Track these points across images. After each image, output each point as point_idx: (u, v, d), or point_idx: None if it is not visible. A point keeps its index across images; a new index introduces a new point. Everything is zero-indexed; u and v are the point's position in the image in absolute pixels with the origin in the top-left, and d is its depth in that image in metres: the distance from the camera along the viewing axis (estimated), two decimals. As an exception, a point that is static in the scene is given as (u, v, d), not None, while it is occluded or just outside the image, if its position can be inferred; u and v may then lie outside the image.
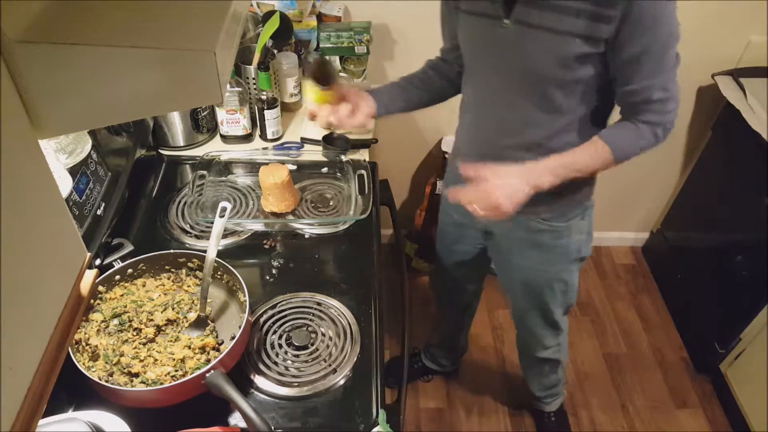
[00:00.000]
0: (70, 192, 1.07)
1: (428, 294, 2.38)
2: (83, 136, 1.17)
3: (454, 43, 1.27)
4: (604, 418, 2.07)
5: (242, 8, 0.63)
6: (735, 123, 1.88)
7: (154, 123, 1.56)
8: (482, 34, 1.14)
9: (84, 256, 0.57)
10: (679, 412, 2.10)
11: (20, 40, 0.43)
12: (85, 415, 0.92)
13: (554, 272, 1.42)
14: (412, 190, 2.44)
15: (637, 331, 2.37)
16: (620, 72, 1.06)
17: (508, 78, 1.14)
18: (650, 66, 1.03)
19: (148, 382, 0.99)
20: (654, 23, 0.98)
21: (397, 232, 1.53)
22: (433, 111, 2.15)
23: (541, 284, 1.45)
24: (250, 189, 1.48)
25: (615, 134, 1.13)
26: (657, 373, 2.22)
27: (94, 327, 1.06)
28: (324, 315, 1.19)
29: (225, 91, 0.51)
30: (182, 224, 1.39)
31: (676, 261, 2.41)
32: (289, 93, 1.69)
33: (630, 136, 1.12)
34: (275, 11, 1.59)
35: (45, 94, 0.46)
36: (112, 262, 1.18)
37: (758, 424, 1.88)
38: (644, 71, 1.04)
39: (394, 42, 1.95)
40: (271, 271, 1.30)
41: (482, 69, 1.20)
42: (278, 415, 1.03)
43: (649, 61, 1.03)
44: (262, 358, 1.11)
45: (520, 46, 1.08)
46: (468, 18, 1.15)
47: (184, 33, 0.50)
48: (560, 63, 1.05)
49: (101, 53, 0.46)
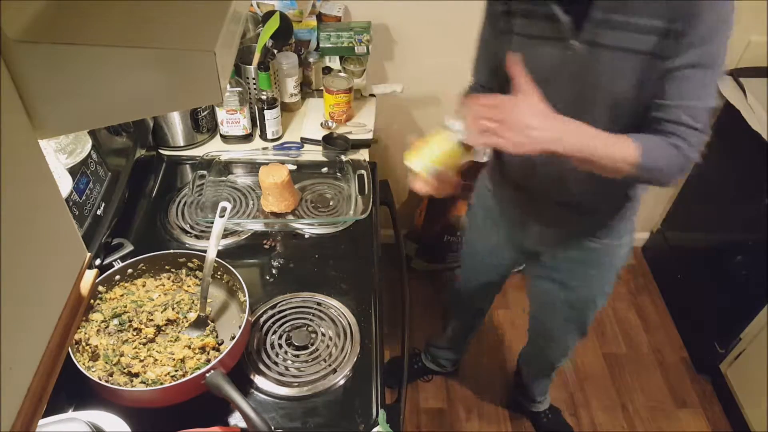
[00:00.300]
0: (70, 192, 1.07)
1: (428, 294, 2.39)
2: (83, 136, 1.17)
3: (493, 67, 1.17)
4: (604, 418, 2.07)
5: (242, 8, 0.63)
6: (735, 123, 1.88)
7: (154, 123, 1.56)
8: (546, 57, 1.05)
9: (84, 256, 0.57)
10: (679, 412, 2.10)
11: (20, 40, 0.43)
12: (85, 415, 0.92)
13: (601, 286, 1.41)
14: (412, 190, 2.44)
15: (637, 331, 2.36)
16: (658, 85, 0.98)
17: (575, 101, 1.05)
18: (691, 85, 0.96)
19: (148, 382, 0.99)
20: (711, 38, 0.93)
21: (397, 232, 1.53)
22: (434, 111, 2.15)
23: (588, 300, 1.43)
24: (250, 189, 1.48)
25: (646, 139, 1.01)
26: (657, 373, 2.22)
27: (94, 327, 1.06)
28: (324, 315, 1.19)
29: (225, 91, 0.51)
30: (182, 224, 1.39)
31: (676, 261, 2.41)
32: (289, 93, 1.69)
33: (661, 146, 1.00)
34: (275, 11, 1.59)
35: (45, 93, 0.46)
36: (112, 262, 1.18)
37: (758, 424, 1.88)
38: (683, 89, 0.97)
39: (394, 42, 1.95)
40: (271, 271, 1.30)
41: (544, 93, 1.05)
42: (278, 415, 1.03)
43: (694, 78, 0.96)
44: (262, 358, 1.11)
45: (593, 67, 1.01)
46: (526, 42, 1.07)
47: (184, 33, 0.50)
48: (638, 83, 0.99)
49: (101, 53, 0.46)
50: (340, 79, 1.66)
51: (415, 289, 2.39)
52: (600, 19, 0.97)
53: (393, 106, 2.01)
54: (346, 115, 1.68)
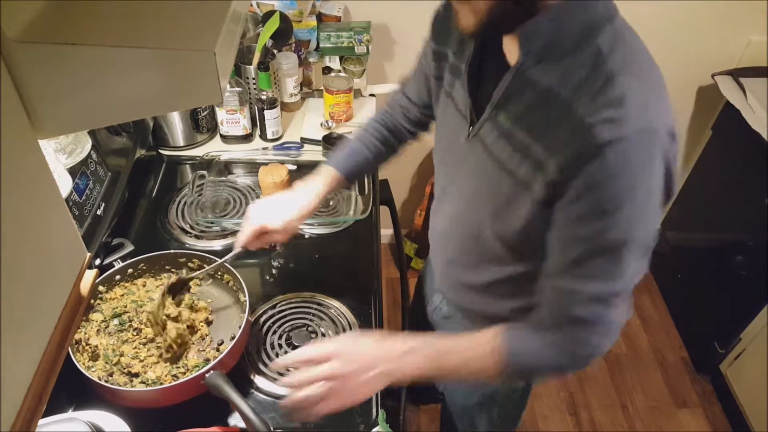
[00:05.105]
0: (70, 192, 1.07)
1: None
2: (83, 136, 1.17)
3: (421, 88, 1.06)
4: (604, 418, 2.07)
5: (242, 8, 0.63)
6: (735, 123, 1.88)
7: (154, 123, 1.56)
8: (453, 130, 0.90)
9: (84, 256, 0.57)
10: (679, 412, 2.10)
11: (20, 40, 0.43)
12: (85, 415, 0.92)
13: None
14: (412, 190, 2.44)
15: (637, 331, 2.36)
16: (551, 248, 0.78)
17: (469, 199, 0.90)
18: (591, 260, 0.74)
19: (148, 382, 0.99)
20: (616, 209, 0.69)
21: (397, 232, 1.53)
22: (433, 111, 2.14)
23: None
24: (250, 189, 1.48)
25: (519, 339, 0.82)
26: (657, 373, 2.22)
27: (94, 327, 1.06)
28: (324, 315, 1.19)
29: (225, 91, 0.51)
30: (182, 224, 1.39)
31: (676, 261, 2.40)
32: (289, 93, 1.69)
33: (536, 348, 0.81)
34: (275, 11, 1.58)
35: (45, 94, 0.46)
36: (113, 262, 1.18)
37: (758, 424, 1.88)
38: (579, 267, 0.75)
39: (394, 42, 1.95)
40: (271, 271, 1.30)
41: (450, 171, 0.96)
42: (278, 415, 1.03)
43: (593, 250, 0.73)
44: (262, 358, 1.11)
45: (483, 171, 0.84)
46: (445, 98, 0.93)
47: (184, 33, 0.50)
48: (526, 223, 0.80)
49: (101, 53, 0.46)
50: (340, 79, 1.66)
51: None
52: (488, 117, 0.81)
53: (393, 106, 2.01)
54: (346, 115, 1.68)
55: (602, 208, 0.70)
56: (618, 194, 0.68)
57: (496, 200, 0.83)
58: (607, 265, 0.73)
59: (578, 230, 0.73)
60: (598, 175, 0.68)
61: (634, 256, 0.73)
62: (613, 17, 0.73)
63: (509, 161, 0.78)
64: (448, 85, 0.91)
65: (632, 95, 0.68)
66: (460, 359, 0.83)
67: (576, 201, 0.71)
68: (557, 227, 0.76)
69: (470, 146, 0.86)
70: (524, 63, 0.75)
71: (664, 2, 1.88)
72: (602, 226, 0.71)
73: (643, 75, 0.71)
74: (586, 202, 0.70)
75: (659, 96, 0.71)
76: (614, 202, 0.69)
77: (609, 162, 0.67)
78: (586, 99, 0.69)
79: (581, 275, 0.75)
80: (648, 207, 0.71)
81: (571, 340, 0.79)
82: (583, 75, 0.70)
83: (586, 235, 0.73)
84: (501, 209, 0.83)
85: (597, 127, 0.67)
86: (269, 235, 1.07)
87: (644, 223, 0.72)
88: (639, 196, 0.69)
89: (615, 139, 0.66)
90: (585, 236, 0.73)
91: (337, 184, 1.11)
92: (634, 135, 0.67)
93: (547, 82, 0.73)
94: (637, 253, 0.73)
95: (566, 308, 0.78)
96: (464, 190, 0.91)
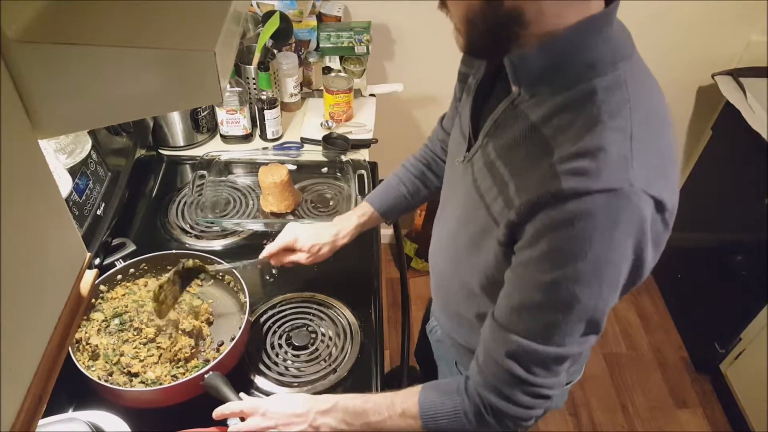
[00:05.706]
0: (70, 192, 1.07)
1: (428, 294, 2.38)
2: (83, 136, 1.17)
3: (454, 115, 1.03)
4: (604, 418, 2.07)
5: (242, 8, 0.63)
6: (735, 123, 1.88)
7: (154, 123, 1.56)
8: (458, 150, 0.89)
9: (84, 256, 0.57)
10: (679, 412, 2.10)
11: (20, 40, 0.43)
12: (85, 415, 0.92)
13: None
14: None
15: (637, 331, 2.36)
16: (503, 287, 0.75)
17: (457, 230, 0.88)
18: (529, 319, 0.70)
19: (148, 382, 0.99)
20: (565, 263, 0.64)
21: (397, 232, 1.53)
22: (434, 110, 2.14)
23: None
24: (250, 189, 1.48)
25: (437, 395, 0.80)
26: (657, 373, 2.22)
27: (95, 326, 1.06)
28: (324, 315, 1.19)
29: (225, 91, 0.51)
30: (182, 224, 1.39)
31: (676, 261, 2.40)
32: (289, 93, 1.69)
33: (451, 416, 0.78)
34: (275, 11, 1.58)
35: (45, 94, 0.46)
36: (115, 262, 1.18)
37: (758, 424, 1.88)
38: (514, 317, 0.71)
39: (394, 42, 1.95)
40: (271, 271, 1.30)
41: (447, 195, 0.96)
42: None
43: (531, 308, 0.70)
44: (262, 358, 1.11)
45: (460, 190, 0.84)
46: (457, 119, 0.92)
47: (184, 33, 0.50)
48: (494, 269, 0.78)
49: (101, 53, 0.46)
50: (340, 79, 1.66)
51: (415, 289, 2.39)
52: (480, 144, 0.79)
53: (393, 106, 2.01)
54: (346, 115, 1.68)
55: (551, 258, 0.65)
56: (570, 249, 0.63)
57: (473, 231, 0.80)
58: (543, 322, 0.69)
59: (525, 276, 0.69)
60: (554, 223, 0.63)
61: (575, 327, 0.68)
62: (619, 61, 0.66)
63: (487, 193, 0.75)
64: (461, 105, 0.90)
65: (611, 150, 0.62)
66: (376, 420, 0.82)
67: (528, 246, 0.67)
68: (511, 268, 0.72)
69: (464, 170, 0.84)
70: (519, 94, 0.72)
71: (664, 2, 1.88)
72: (547, 279, 0.66)
73: (635, 132, 0.64)
74: (538, 248, 0.66)
75: (654, 161, 0.64)
76: (564, 256, 0.64)
77: (567, 213, 0.62)
78: (566, 144, 0.64)
79: (517, 324, 0.71)
80: (601, 276, 0.65)
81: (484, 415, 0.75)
82: (570, 118, 0.65)
83: (531, 283, 0.68)
84: (474, 242, 0.80)
85: (565, 176, 0.62)
86: (296, 254, 1.10)
87: (592, 291, 0.65)
88: (591, 259, 0.63)
89: (579, 191, 0.61)
90: (529, 284, 0.68)
91: (374, 220, 1.15)
92: (600, 194, 0.61)
93: (534, 119, 0.69)
94: (577, 324, 0.68)
95: (497, 353, 0.73)
96: (454, 214, 0.88)
